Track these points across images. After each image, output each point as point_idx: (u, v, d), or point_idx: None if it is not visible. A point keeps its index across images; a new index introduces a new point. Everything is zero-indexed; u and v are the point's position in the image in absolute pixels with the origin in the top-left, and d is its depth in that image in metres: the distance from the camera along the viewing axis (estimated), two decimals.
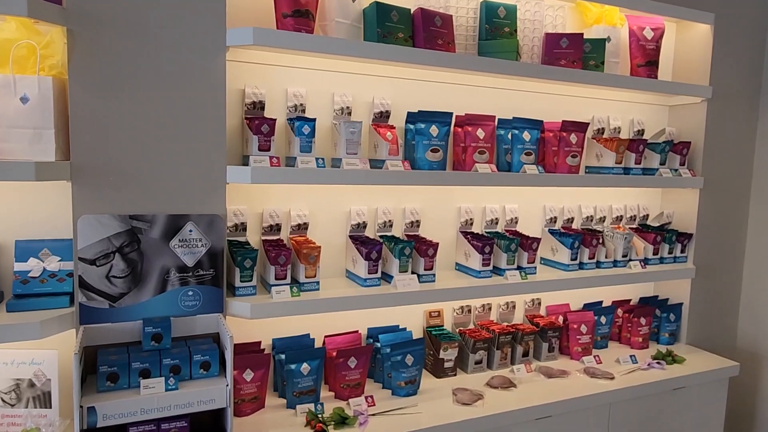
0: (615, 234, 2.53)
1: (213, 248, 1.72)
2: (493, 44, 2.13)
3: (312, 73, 2.04)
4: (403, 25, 1.94)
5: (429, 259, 2.09)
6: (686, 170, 2.61)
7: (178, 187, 1.68)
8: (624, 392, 2.20)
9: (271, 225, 2.03)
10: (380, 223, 2.20)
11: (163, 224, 1.65)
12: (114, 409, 1.42)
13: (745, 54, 2.75)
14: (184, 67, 1.66)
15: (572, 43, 2.24)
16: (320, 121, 2.03)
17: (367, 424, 1.82)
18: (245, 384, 1.84)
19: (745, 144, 2.83)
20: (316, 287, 1.92)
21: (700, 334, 2.80)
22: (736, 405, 2.98)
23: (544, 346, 2.42)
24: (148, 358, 1.54)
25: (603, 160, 2.48)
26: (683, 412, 2.42)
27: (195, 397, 1.51)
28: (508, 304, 2.51)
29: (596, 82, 2.29)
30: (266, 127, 1.80)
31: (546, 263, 2.52)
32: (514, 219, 2.48)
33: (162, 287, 1.66)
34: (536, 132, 2.26)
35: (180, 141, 1.67)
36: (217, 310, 1.74)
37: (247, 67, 1.93)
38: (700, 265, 2.73)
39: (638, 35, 2.47)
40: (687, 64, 2.72)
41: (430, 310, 2.33)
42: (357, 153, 1.93)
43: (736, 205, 2.86)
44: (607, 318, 2.62)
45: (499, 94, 2.38)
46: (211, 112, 1.70)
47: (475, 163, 2.14)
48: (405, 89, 2.19)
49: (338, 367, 1.97)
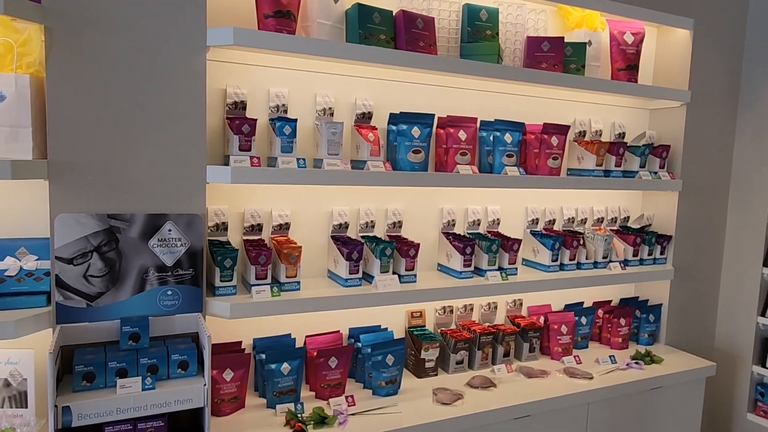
0: (595, 235, 2.56)
1: (192, 248, 1.71)
2: (475, 47, 2.15)
3: (294, 74, 2.04)
4: (385, 27, 1.96)
5: (410, 259, 2.10)
6: (665, 173, 2.65)
7: (157, 187, 1.68)
8: (602, 392, 2.23)
9: (252, 225, 2.03)
10: (362, 224, 2.20)
11: (141, 223, 1.65)
12: (89, 408, 1.42)
13: (724, 59, 2.80)
14: (164, 66, 1.65)
15: (553, 46, 2.27)
16: (302, 121, 2.03)
17: (347, 424, 1.83)
18: (225, 384, 1.84)
19: (723, 148, 2.88)
20: (296, 287, 1.93)
21: (679, 335, 2.84)
22: (712, 404, 3.03)
23: (525, 347, 2.44)
24: (125, 357, 1.54)
25: (584, 163, 2.51)
26: (660, 411, 2.45)
27: (172, 396, 1.51)
28: (490, 304, 2.53)
29: (577, 86, 2.31)
30: (247, 127, 1.80)
31: (528, 264, 2.55)
32: (496, 220, 2.50)
33: (140, 287, 1.66)
34: (518, 134, 2.28)
35: (159, 140, 1.67)
36: (197, 309, 1.74)
37: (229, 66, 1.93)
38: (679, 267, 2.77)
39: (619, 40, 2.50)
40: (667, 69, 2.76)
41: (411, 311, 2.34)
42: (338, 154, 1.94)
43: (715, 207, 2.91)
44: (588, 319, 2.65)
45: (481, 97, 2.40)
46: (191, 111, 1.70)
47: (456, 165, 2.16)
48: (387, 90, 2.21)
49: (319, 367, 1.97)
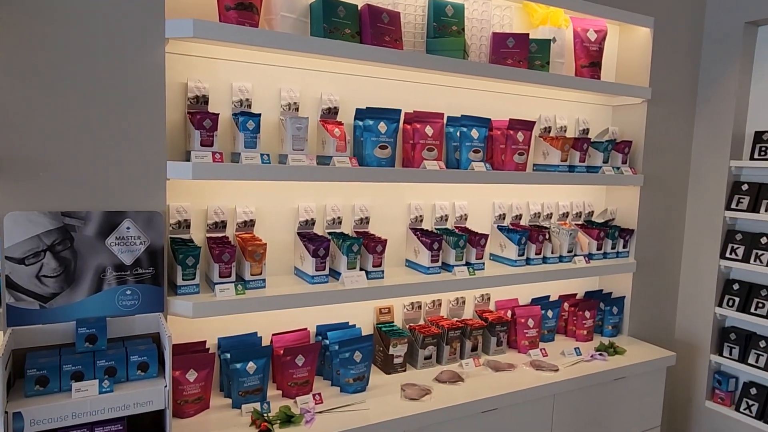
0: (561, 230, 2.60)
1: (152, 246, 1.67)
2: (441, 42, 2.15)
3: (258, 68, 2.00)
4: (350, 21, 1.94)
5: (377, 255, 2.09)
6: (628, 168, 2.71)
7: (114, 183, 1.62)
8: (567, 384, 2.27)
9: (216, 222, 1.99)
10: (329, 220, 2.19)
11: (98, 221, 1.59)
12: (42, 414, 1.36)
13: (683, 57, 2.88)
14: (120, 58, 1.60)
15: (518, 42, 2.29)
16: (267, 116, 2.00)
17: (314, 422, 1.81)
18: (188, 384, 1.80)
19: (682, 143, 2.96)
20: (262, 285, 1.90)
21: (641, 326, 2.91)
22: (673, 393, 3.12)
23: (492, 341, 2.47)
24: (81, 360, 1.48)
25: (549, 158, 2.54)
26: (624, 400, 2.51)
27: (131, 399, 1.47)
28: (458, 299, 2.55)
29: (542, 82, 2.34)
30: (208, 121, 1.76)
31: (495, 259, 2.57)
32: (463, 216, 2.51)
33: (98, 287, 1.60)
34: (484, 130, 2.29)
35: (116, 135, 1.61)
36: (158, 309, 1.70)
37: (190, 60, 1.89)
38: (641, 260, 2.84)
39: (582, 37, 2.54)
40: (629, 66, 2.82)
41: (380, 307, 2.33)
42: (303, 149, 1.91)
43: (674, 202, 2.99)
44: (554, 312, 2.69)
45: (447, 92, 2.41)
46: (149, 105, 1.65)
47: (423, 160, 2.16)
48: (353, 85, 2.19)
49: (285, 365, 1.95)
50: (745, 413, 2.80)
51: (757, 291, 2.79)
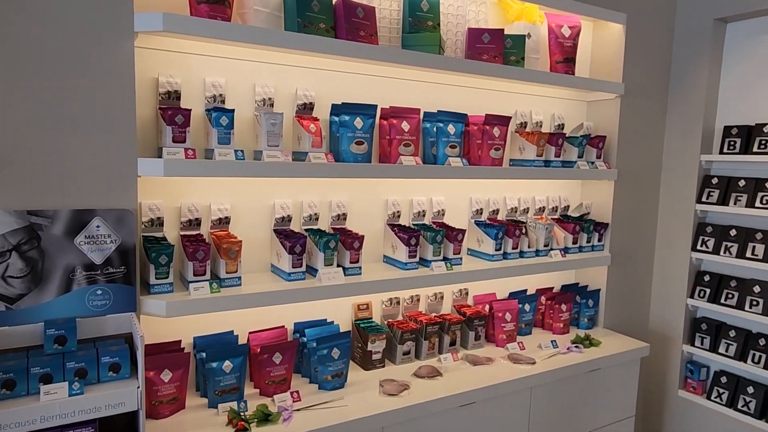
0: (537, 224, 2.62)
1: (124, 244, 1.63)
2: (417, 37, 2.14)
3: (232, 63, 1.97)
4: (325, 16, 1.92)
5: (355, 251, 2.08)
6: (602, 163, 2.74)
7: (83, 181, 1.58)
8: (544, 376, 2.30)
9: (190, 220, 1.95)
10: (306, 217, 2.17)
11: (66, 220, 1.55)
12: (9, 418, 1.32)
13: (655, 53, 2.93)
14: (88, 52, 1.56)
15: (494, 38, 2.30)
16: (241, 112, 1.97)
17: (291, 420, 1.80)
18: (163, 385, 1.77)
19: (654, 138, 3.02)
20: (237, 283, 1.88)
21: (616, 318, 2.96)
22: (647, 383, 3.19)
23: (470, 335, 2.48)
24: (49, 362, 1.45)
25: (525, 153, 2.56)
26: (599, 391, 2.56)
27: (103, 401, 1.43)
28: (436, 294, 2.56)
29: (517, 77, 2.35)
30: (180, 117, 1.73)
31: (472, 254, 2.59)
32: (441, 211, 2.52)
33: (67, 287, 1.56)
34: (461, 125, 2.30)
35: (84, 131, 1.57)
36: (130, 309, 1.66)
37: (161, 54, 1.85)
38: (616, 253, 2.89)
39: (557, 33, 2.57)
40: (603, 62, 2.85)
41: (358, 303, 2.33)
42: (278, 145, 1.89)
43: (647, 196, 3.04)
44: (531, 305, 2.72)
45: (424, 88, 2.41)
46: (119, 100, 1.61)
47: (400, 156, 2.15)
48: (329, 81, 2.17)
49: (262, 364, 1.93)
50: (716, 401, 2.87)
51: (726, 282, 2.86)
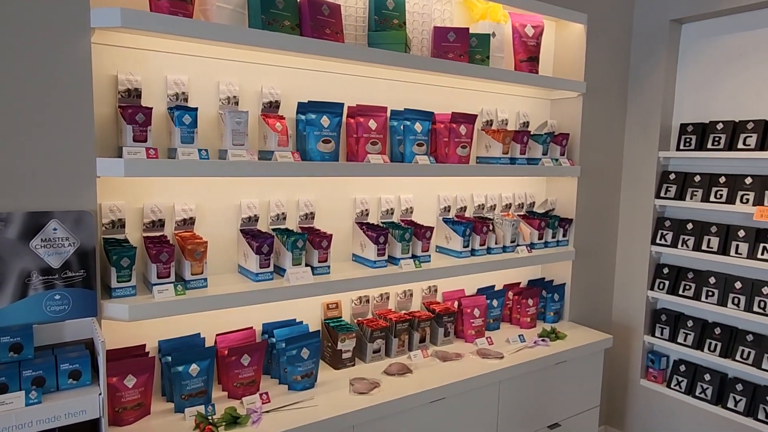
0: (504, 221, 2.66)
1: (83, 247, 1.58)
2: (383, 35, 2.14)
3: (194, 60, 1.93)
4: (290, 13, 1.90)
5: (323, 251, 2.07)
6: (566, 160, 2.80)
7: (38, 182, 1.52)
8: (512, 370, 2.34)
9: (153, 221, 1.91)
10: (273, 216, 2.15)
11: (21, 223, 1.49)
12: None
13: (614, 53, 3.01)
14: (40, 49, 1.50)
15: (459, 37, 2.32)
16: (205, 110, 1.94)
17: (261, 422, 1.78)
18: (127, 391, 1.72)
19: (615, 135, 3.10)
20: (203, 284, 1.84)
21: (581, 311, 3.04)
22: (610, 373, 3.28)
23: (440, 332, 2.50)
24: (4, 371, 1.39)
25: (491, 151, 2.59)
26: (565, 383, 2.62)
27: (62, 409, 1.39)
28: (406, 292, 2.57)
29: (482, 76, 2.38)
30: (141, 116, 1.69)
31: (441, 251, 2.61)
32: (409, 209, 2.53)
33: (22, 292, 1.50)
34: (427, 123, 2.31)
35: (38, 131, 1.51)
36: (91, 314, 1.61)
37: (120, 51, 1.80)
38: (580, 248, 2.96)
39: (520, 32, 2.61)
40: (565, 61, 2.91)
41: (327, 302, 2.32)
42: (244, 144, 1.87)
43: (609, 192, 3.13)
44: (499, 301, 2.76)
45: (390, 86, 2.41)
46: (75, 98, 1.56)
47: (367, 154, 2.15)
48: (295, 79, 2.15)
49: (230, 366, 1.90)
50: (676, 389, 2.98)
51: (684, 274, 2.97)
